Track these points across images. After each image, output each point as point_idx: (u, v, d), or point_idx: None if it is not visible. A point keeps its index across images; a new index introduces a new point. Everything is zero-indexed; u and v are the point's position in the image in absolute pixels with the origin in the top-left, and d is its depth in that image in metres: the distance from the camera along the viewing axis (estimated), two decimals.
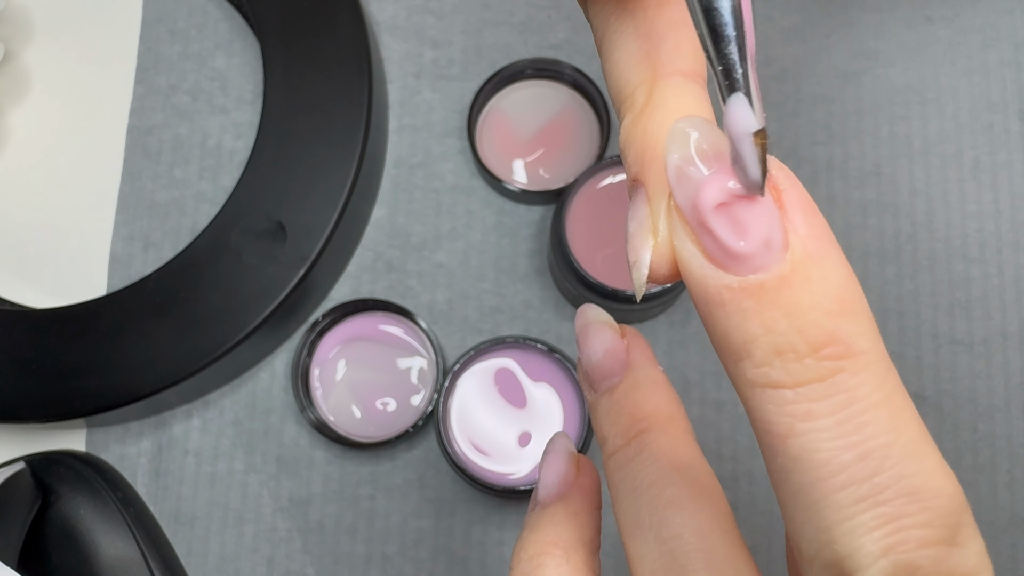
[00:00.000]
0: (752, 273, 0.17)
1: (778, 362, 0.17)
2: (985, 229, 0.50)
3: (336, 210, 0.47)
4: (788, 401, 0.17)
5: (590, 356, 0.24)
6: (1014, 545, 0.47)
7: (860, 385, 0.17)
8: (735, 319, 0.18)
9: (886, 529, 0.17)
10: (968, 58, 0.51)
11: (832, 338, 0.17)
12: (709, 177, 0.18)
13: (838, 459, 0.17)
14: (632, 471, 0.23)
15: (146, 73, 0.53)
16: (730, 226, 0.17)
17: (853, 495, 0.17)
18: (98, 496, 0.45)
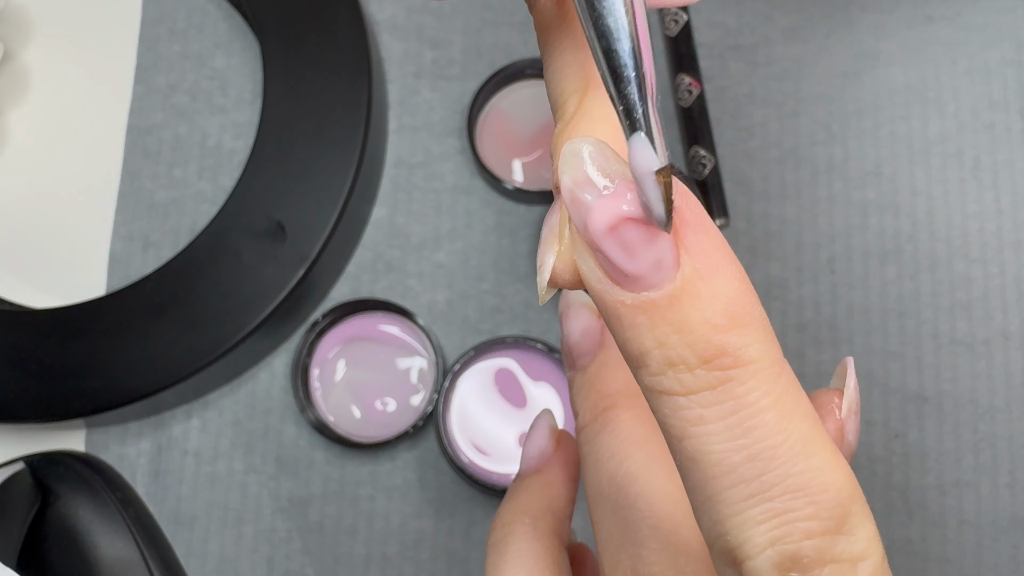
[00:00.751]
0: (644, 291, 0.18)
1: (671, 372, 0.18)
2: (986, 229, 0.50)
3: (336, 210, 0.47)
4: (681, 407, 0.18)
5: (568, 335, 0.26)
6: (1015, 546, 0.47)
7: (748, 392, 0.18)
8: (631, 332, 0.19)
9: (773, 523, 0.18)
10: (969, 57, 0.51)
11: (720, 351, 0.18)
12: (600, 201, 0.18)
13: (728, 460, 0.18)
14: (597, 445, 0.25)
15: (146, 73, 0.53)
16: (621, 248, 0.18)
17: (742, 492, 0.18)
18: (97, 496, 0.45)
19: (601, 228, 0.18)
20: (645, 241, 0.18)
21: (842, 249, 0.50)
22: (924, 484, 0.48)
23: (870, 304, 0.49)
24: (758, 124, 0.51)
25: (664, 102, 0.51)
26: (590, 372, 0.26)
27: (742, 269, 0.20)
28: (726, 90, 0.51)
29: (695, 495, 0.19)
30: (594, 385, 0.25)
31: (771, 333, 0.19)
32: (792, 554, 0.18)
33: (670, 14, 0.51)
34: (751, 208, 0.50)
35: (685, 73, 0.50)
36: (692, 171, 0.50)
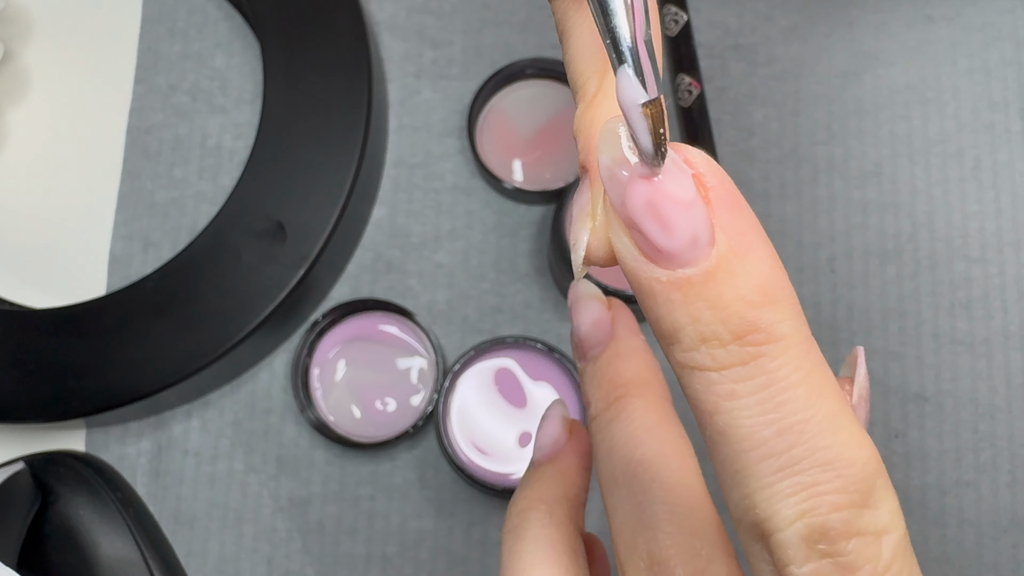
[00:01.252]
0: (680, 268, 0.18)
1: (704, 348, 0.19)
2: (986, 229, 0.50)
3: (336, 210, 0.47)
4: (713, 382, 0.19)
5: (579, 326, 0.26)
6: (1015, 546, 0.47)
7: (779, 367, 0.19)
8: (664, 309, 0.19)
9: (801, 496, 0.19)
10: (969, 57, 0.51)
11: (753, 327, 0.19)
12: (637, 178, 0.18)
13: (758, 434, 0.19)
14: (610, 433, 0.25)
15: (146, 73, 0.53)
16: (658, 225, 0.18)
17: (772, 466, 0.19)
18: (98, 496, 0.45)
19: (639, 204, 0.18)
20: (683, 216, 0.18)
21: (842, 249, 0.50)
22: (924, 484, 0.48)
23: (870, 304, 0.49)
24: (758, 124, 0.51)
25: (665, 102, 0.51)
26: (601, 362, 0.26)
27: (773, 248, 0.20)
28: (726, 90, 0.51)
29: (724, 470, 0.20)
30: (605, 375, 0.26)
31: (800, 311, 0.20)
32: (820, 526, 0.19)
33: (670, 14, 0.51)
34: (751, 208, 0.50)
35: (685, 73, 0.50)
36: None
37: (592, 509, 0.46)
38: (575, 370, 0.46)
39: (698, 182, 0.19)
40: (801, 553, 0.19)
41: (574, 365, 0.46)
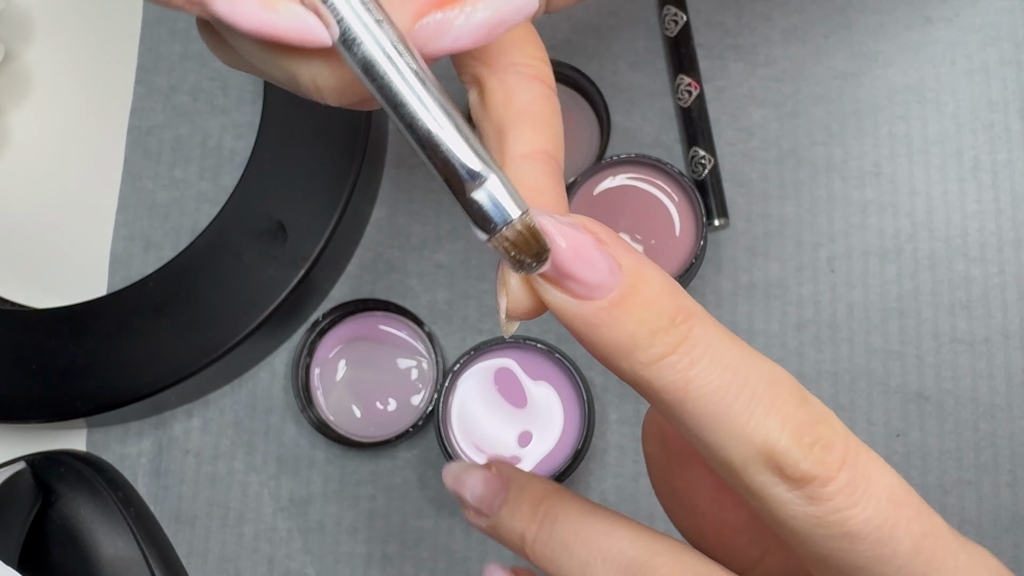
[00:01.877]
0: (610, 293, 0.23)
1: (657, 339, 0.23)
2: (986, 228, 0.50)
3: (336, 210, 0.47)
4: (675, 363, 0.23)
5: (473, 491, 0.28)
6: (1016, 545, 0.47)
7: (707, 330, 0.23)
8: (617, 327, 0.23)
9: (772, 412, 0.23)
10: (968, 57, 0.51)
11: (676, 308, 0.23)
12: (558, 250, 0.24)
13: (724, 382, 0.23)
14: (554, 540, 0.27)
15: (147, 73, 0.53)
16: (586, 268, 0.23)
17: (745, 400, 0.23)
18: (98, 496, 0.45)
19: (568, 261, 0.23)
20: (598, 257, 0.23)
21: (842, 249, 0.50)
22: (925, 483, 0.48)
23: (870, 303, 0.49)
24: (757, 124, 0.51)
25: (664, 102, 0.51)
26: (511, 500, 0.28)
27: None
28: (725, 90, 0.51)
29: (717, 430, 0.23)
30: (522, 503, 0.27)
31: None
32: (796, 425, 0.23)
33: (670, 14, 0.51)
34: (751, 208, 0.50)
35: (685, 73, 0.50)
36: (692, 171, 0.50)
37: None
38: (575, 370, 0.46)
39: (589, 232, 0.24)
40: (799, 450, 0.23)
41: (574, 365, 0.46)
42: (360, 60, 0.23)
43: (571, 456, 0.45)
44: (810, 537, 0.23)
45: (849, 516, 0.23)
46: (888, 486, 0.23)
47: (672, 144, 0.51)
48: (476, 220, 0.24)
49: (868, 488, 0.23)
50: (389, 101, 0.23)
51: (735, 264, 0.50)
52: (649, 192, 0.47)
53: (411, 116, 0.23)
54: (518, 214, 0.23)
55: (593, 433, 0.46)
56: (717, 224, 0.49)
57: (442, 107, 0.23)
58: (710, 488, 0.28)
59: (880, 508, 0.23)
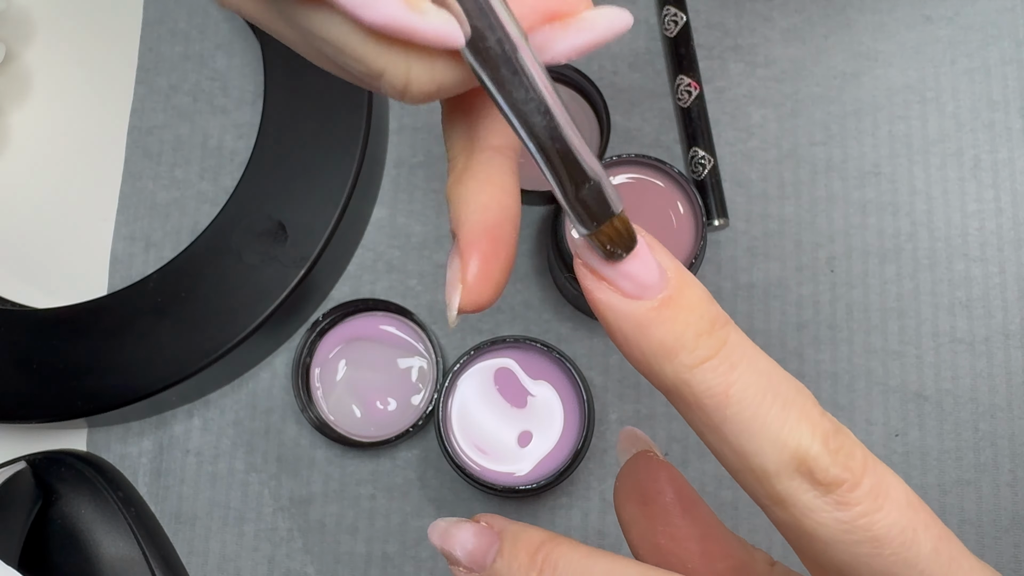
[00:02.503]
0: (659, 294, 0.24)
1: (702, 342, 0.24)
2: (986, 228, 0.50)
3: (336, 210, 0.47)
4: (718, 365, 0.24)
5: (464, 546, 0.28)
6: (1017, 545, 0.47)
7: (739, 338, 0.24)
8: (665, 327, 0.24)
9: (803, 418, 0.24)
10: (968, 57, 0.51)
11: (715, 315, 0.24)
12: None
13: (760, 387, 0.24)
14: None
15: (147, 73, 0.53)
16: (642, 266, 0.24)
17: (780, 406, 0.24)
18: (99, 496, 0.45)
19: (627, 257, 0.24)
20: (648, 261, 0.24)
21: (841, 248, 0.50)
22: (925, 483, 0.48)
23: (870, 303, 0.49)
24: (757, 124, 0.51)
25: (664, 102, 0.51)
26: (506, 550, 0.27)
27: None
28: (725, 91, 0.51)
29: (751, 435, 0.24)
30: (518, 551, 0.27)
31: None
32: (824, 432, 0.24)
33: (669, 15, 0.51)
34: (750, 208, 0.50)
35: (684, 74, 0.50)
36: (691, 171, 0.50)
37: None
38: (575, 370, 0.46)
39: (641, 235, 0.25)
40: (828, 456, 0.24)
41: (574, 365, 0.46)
42: (488, 61, 0.23)
43: (571, 456, 0.45)
44: (837, 544, 0.24)
45: (875, 520, 0.24)
46: (904, 492, 0.24)
47: (672, 144, 0.51)
48: (581, 218, 0.24)
49: (888, 493, 0.24)
50: (511, 104, 0.23)
51: (735, 264, 0.50)
52: (649, 192, 0.47)
53: (532, 122, 0.23)
54: (618, 211, 0.25)
55: (593, 433, 0.46)
56: (717, 224, 0.49)
57: (565, 112, 0.24)
58: (697, 540, 0.29)
59: (902, 512, 0.24)
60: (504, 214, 0.26)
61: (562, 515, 0.48)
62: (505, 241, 0.25)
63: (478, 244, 0.25)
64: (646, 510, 0.29)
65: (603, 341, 0.49)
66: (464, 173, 0.26)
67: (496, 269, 0.25)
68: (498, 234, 0.25)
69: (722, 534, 0.29)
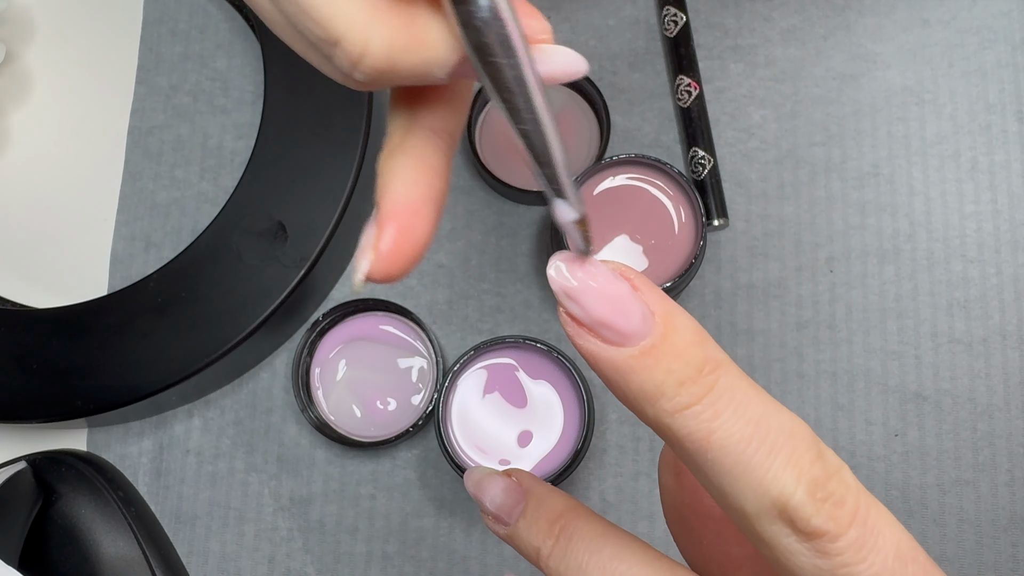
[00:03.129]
0: (642, 340, 0.24)
1: (684, 389, 0.24)
2: (983, 229, 0.50)
3: (336, 210, 0.47)
4: (699, 412, 0.24)
5: (493, 499, 0.29)
6: (1015, 545, 0.47)
7: (732, 381, 0.24)
8: (646, 374, 0.24)
9: (791, 465, 0.23)
10: (965, 60, 0.52)
11: (704, 360, 0.24)
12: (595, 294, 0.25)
13: (745, 434, 0.23)
14: (569, 558, 0.27)
15: (147, 74, 0.53)
16: (620, 316, 0.24)
17: (764, 453, 0.23)
18: (99, 495, 0.45)
19: (604, 309, 0.24)
20: (632, 305, 0.24)
21: (841, 249, 0.50)
22: (924, 483, 0.48)
23: (869, 303, 0.49)
24: (757, 125, 0.51)
25: (664, 102, 0.51)
26: (529, 512, 0.28)
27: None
28: (725, 91, 0.51)
29: (733, 479, 0.24)
30: (539, 517, 0.28)
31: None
32: (810, 480, 0.23)
33: (669, 15, 0.51)
34: (750, 208, 0.50)
35: (684, 74, 0.51)
36: (691, 171, 0.50)
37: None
38: (575, 370, 0.46)
39: (625, 276, 0.25)
40: (812, 505, 0.23)
41: (574, 365, 0.46)
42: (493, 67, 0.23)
43: (571, 456, 0.45)
44: None
45: (856, 571, 0.23)
46: (895, 543, 0.24)
47: (672, 144, 0.51)
48: (575, 204, 0.25)
49: (876, 544, 0.24)
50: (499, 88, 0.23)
51: (735, 264, 0.50)
52: (649, 192, 0.47)
53: (527, 131, 0.24)
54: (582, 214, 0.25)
55: (593, 433, 0.46)
56: (717, 224, 0.49)
57: (552, 122, 0.24)
58: (717, 522, 0.29)
59: (886, 565, 0.24)
60: (429, 193, 0.26)
61: None
62: (424, 219, 0.25)
63: (397, 217, 0.25)
64: (679, 481, 0.29)
65: None
66: (398, 148, 0.26)
67: (409, 245, 0.25)
68: (419, 210, 0.25)
69: None
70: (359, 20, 0.24)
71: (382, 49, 0.24)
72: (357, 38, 0.24)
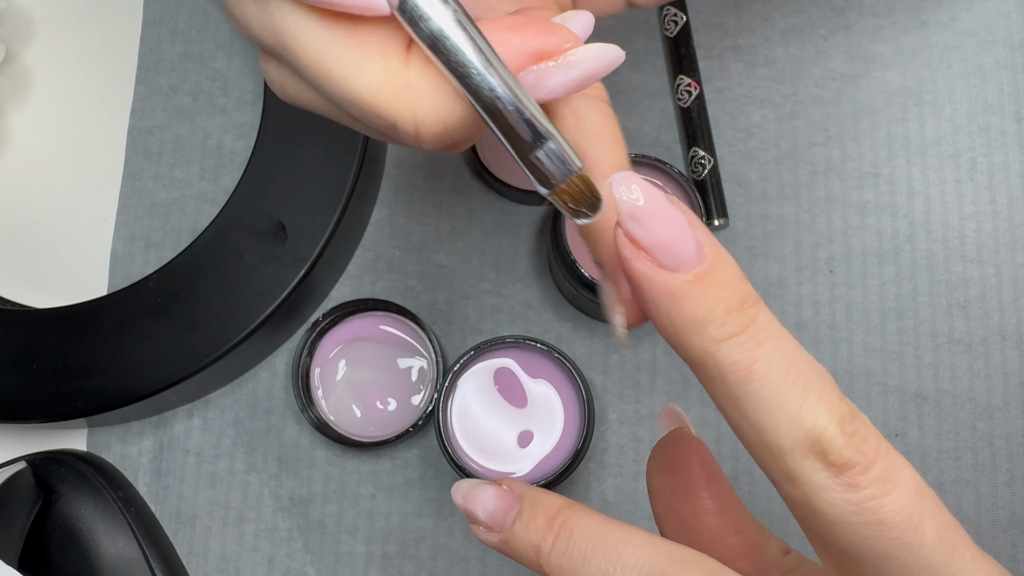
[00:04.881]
0: (694, 268, 0.25)
1: (731, 318, 0.24)
2: (983, 230, 0.50)
3: (336, 210, 0.47)
4: (744, 342, 0.24)
5: (485, 506, 0.29)
6: (1014, 544, 0.47)
7: (767, 318, 0.25)
8: (697, 300, 0.24)
9: (822, 401, 0.24)
10: (964, 61, 0.52)
11: (745, 293, 0.25)
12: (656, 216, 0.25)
13: (783, 367, 0.24)
14: (572, 549, 0.27)
15: (147, 73, 0.53)
16: (680, 240, 0.25)
17: (800, 387, 0.24)
18: (99, 496, 0.45)
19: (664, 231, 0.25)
20: (688, 233, 0.25)
21: (840, 249, 0.50)
22: None
23: (868, 304, 0.50)
24: (757, 125, 0.51)
25: (664, 102, 0.52)
26: (526, 512, 0.28)
27: None
28: (725, 91, 0.51)
29: (768, 411, 0.24)
30: (536, 514, 0.28)
31: None
32: (840, 415, 0.24)
33: (670, 15, 0.51)
34: (750, 208, 0.50)
35: (684, 74, 0.51)
36: (691, 171, 0.50)
37: None
38: (575, 370, 0.46)
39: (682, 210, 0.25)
40: (842, 438, 0.24)
41: (574, 365, 0.46)
42: (427, 34, 0.24)
43: (571, 456, 0.45)
44: (843, 524, 0.25)
45: (883, 504, 0.24)
46: (914, 479, 0.25)
47: (672, 144, 0.51)
48: (539, 178, 0.25)
49: (899, 479, 0.25)
50: (455, 69, 0.24)
51: None
52: None
53: (478, 84, 0.24)
54: (576, 169, 0.25)
55: (593, 433, 0.46)
56: (717, 224, 0.49)
57: (508, 75, 0.24)
58: (714, 515, 0.30)
59: (910, 498, 0.25)
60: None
61: None
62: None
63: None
64: (672, 480, 0.30)
65: (603, 341, 0.49)
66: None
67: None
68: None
69: (741, 512, 0.30)
70: (401, 101, 0.25)
71: (429, 116, 0.25)
72: (406, 117, 0.25)
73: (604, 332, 0.50)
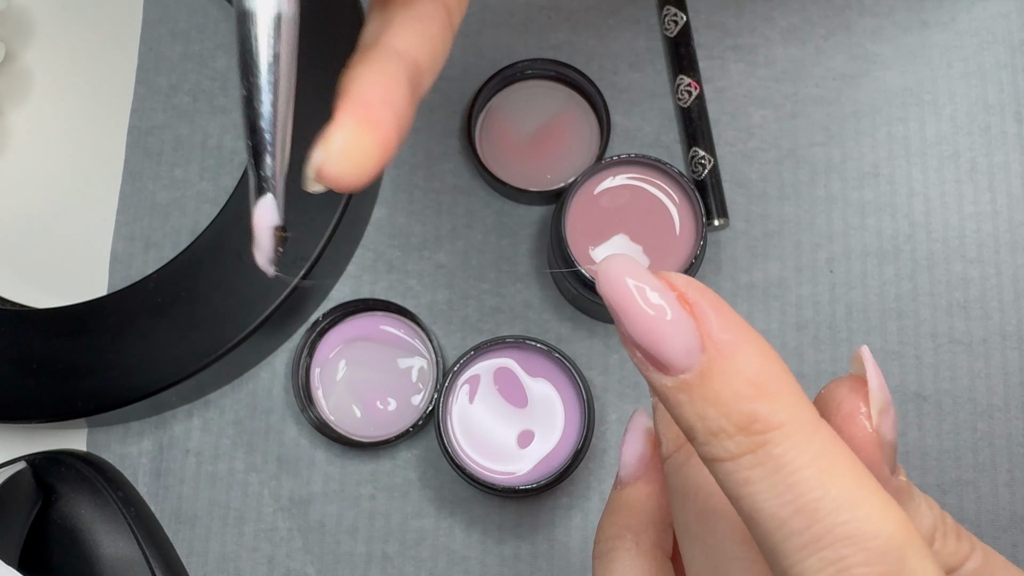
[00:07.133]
0: (680, 374, 0.21)
1: (715, 441, 0.21)
2: (983, 230, 0.50)
3: (337, 210, 0.47)
4: (730, 471, 0.21)
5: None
6: (1015, 545, 0.47)
7: (785, 452, 0.20)
8: (677, 410, 0.21)
9: (830, 571, 0.20)
10: (964, 61, 0.52)
11: (751, 418, 0.20)
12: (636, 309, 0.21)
13: (778, 515, 0.20)
14: (682, 478, 0.25)
15: (147, 73, 0.53)
16: (656, 342, 0.21)
17: (797, 543, 0.20)
18: (99, 496, 0.45)
19: (639, 331, 0.21)
20: (673, 333, 0.21)
21: (840, 249, 0.50)
22: (924, 483, 0.48)
23: (868, 304, 0.50)
24: (757, 125, 0.51)
25: (664, 102, 0.52)
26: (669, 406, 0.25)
27: (765, 342, 0.21)
28: (725, 91, 0.51)
29: (762, 548, 0.21)
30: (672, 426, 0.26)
31: (801, 397, 0.21)
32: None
33: (670, 14, 0.51)
34: (750, 208, 0.50)
35: (684, 74, 0.51)
36: (692, 171, 0.50)
37: None
38: (575, 370, 0.46)
39: (682, 300, 0.21)
40: None
41: (574, 365, 0.46)
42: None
43: (571, 456, 0.45)
44: None
45: None
46: None
47: (672, 144, 0.51)
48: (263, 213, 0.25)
49: None
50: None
51: (735, 264, 0.50)
52: (649, 192, 0.47)
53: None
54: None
55: (593, 433, 0.46)
56: (717, 224, 0.49)
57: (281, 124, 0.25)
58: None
59: None
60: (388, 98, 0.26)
61: (562, 515, 0.48)
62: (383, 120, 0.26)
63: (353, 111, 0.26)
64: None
65: (603, 341, 0.49)
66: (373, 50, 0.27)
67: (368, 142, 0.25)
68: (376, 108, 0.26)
69: None
70: None
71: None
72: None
73: (604, 332, 0.50)
